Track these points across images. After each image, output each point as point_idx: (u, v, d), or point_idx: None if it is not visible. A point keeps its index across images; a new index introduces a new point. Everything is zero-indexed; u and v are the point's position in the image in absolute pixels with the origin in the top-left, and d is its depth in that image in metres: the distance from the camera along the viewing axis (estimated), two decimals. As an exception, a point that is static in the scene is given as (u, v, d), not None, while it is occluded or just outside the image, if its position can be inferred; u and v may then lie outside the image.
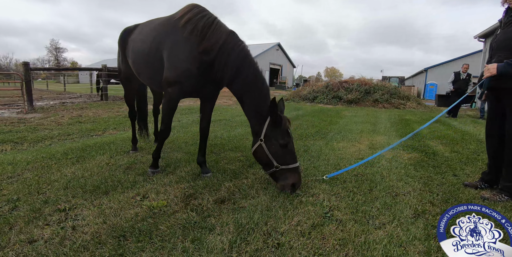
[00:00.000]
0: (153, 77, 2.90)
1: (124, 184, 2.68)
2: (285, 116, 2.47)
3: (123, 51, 3.47)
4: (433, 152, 4.26)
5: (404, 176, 3.08)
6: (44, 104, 11.06)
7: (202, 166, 3.01)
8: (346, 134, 5.63)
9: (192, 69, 2.47)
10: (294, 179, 2.41)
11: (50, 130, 6.02)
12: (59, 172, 3.08)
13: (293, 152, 2.47)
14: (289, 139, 2.44)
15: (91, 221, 1.96)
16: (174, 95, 2.64)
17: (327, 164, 3.38)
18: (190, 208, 2.15)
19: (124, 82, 3.79)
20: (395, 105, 13.68)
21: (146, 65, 2.93)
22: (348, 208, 2.22)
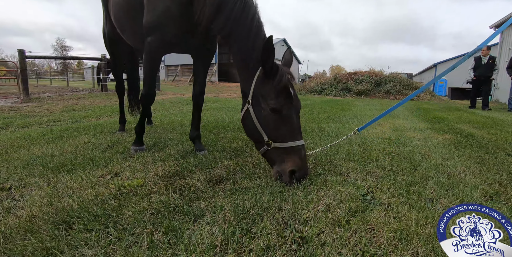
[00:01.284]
0: (136, 30, 2.38)
1: (97, 162, 2.12)
2: (284, 67, 1.74)
3: (106, 7, 3.00)
4: (469, 134, 3.64)
5: (448, 154, 2.48)
6: (42, 95, 10.61)
7: (195, 142, 2.45)
8: (363, 118, 5.00)
9: (172, 8, 1.96)
10: (293, 163, 1.61)
11: (40, 117, 5.52)
12: (28, 151, 2.56)
13: (293, 123, 1.68)
14: (286, 101, 1.64)
15: (34, 202, 1.40)
16: (154, 44, 2.11)
17: (350, 143, 2.77)
18: (172, 188, 1.57)
19: (109, 47, 3.28)
20: (409, 96, 12.91)
21: (127, 16, 2.43)
22: (393, 189, 1.61)
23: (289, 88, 1.66)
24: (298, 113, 1.74)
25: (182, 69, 28.20)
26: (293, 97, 1.68)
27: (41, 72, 44.06)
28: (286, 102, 1.64)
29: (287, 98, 1.64)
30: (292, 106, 1.67)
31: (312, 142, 2.79)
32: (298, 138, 1.66)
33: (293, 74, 1.76)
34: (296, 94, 1.72)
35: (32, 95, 9.62)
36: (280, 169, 1.66)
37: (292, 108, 1.67)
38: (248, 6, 1.77)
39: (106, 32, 3.16)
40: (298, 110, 1.74)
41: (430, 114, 6.30)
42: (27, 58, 9.60)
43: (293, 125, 1.67)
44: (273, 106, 1.63)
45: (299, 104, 1.75)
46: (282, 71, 1.66)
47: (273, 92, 1.63)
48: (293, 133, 1.66)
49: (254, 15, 1.78)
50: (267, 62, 1.60)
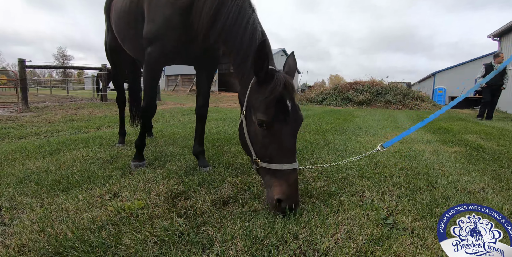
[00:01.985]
0: (137, 41, 2.31)
1: (95, 179, 1.99)
2: (283, 74, 1.47)
3: (109, 18, 2.97)
4: (478, 146, 3.55)
5: (463, 169, 2.38)
6: (41, 105, 10.51)
7: (199, 158, 2.33)
8: (368, 129, 4.91)
9: (172, 19, 1.90)
10: (279, 190, 1.36)
11: (38, 127, 5.42)
12: (23, 165, 2.45)
13: (284, 141, 1.40)
14: (278, 115, 1.37)
15: (25, 228, 1.27)
16: (155, 55, 2.03)
17: (362, 157, 2.65)
18: (176, 211, 1.44)
19: (112, 59, 3.24)
20: (409, 106, 12.89)
21: (128, 27, 2.37)
22: (414, 210, 1.49)
23: (285, 100, 1.40)
24: (295, 130, 1.45)
25: (182, 79, 28.30)
26: (290, 111, 1.40)
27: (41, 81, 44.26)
28: (278, 116, 1.37)
29: (280, 112, 1.38)
30: (286, 121, 1.39)
31: (320, 157, 2.68)
32: (288, 161, 1.39)
33: (293, 84, 1.49)
34: (295, 108, 1.44)
35: (31, 104, 9.54)
36: (268, 194, 1.43)
37: (286, 125, 1.39)
38: (243, 12, 1.66)
39: (108, 42, 3.12)
40: (295, 126, 1.45)
41: (435, 124, 6.20)
42: (27, 67, 9.56)
43: (284, 144, 1.39)
44: (260, 119, 1.39)
45: (298, 119, 1.46)
46: (279, 78, 1.40)
47: (264, 103, 1.39)
48: (282, 153, 1.40)
49: (248, 21, 1.64)
50: (259, 70, 1.40)
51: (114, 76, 3.33)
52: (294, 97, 1.46)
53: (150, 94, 2.20)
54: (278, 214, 1.38)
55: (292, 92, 1.45)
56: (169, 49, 2.02)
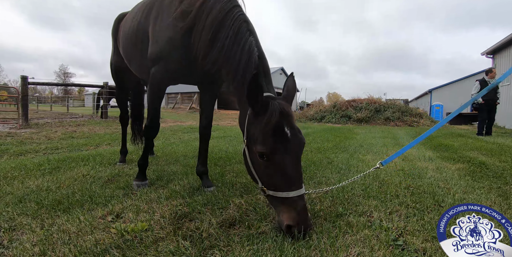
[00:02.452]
0: (143, 62, 2.35)
1: (96, 199, 1.96)
2: (277, 101, 1.45)
3: (115, 40, 3.07)
4: (481, 162, 3.56)
5: (468, 187, 2.36)
6: (41, 121, 10.51)
7: (202, 178, 2.30)
8: (370, 147, 4.90)
9: (175, 39, 1.91)
10: (289, 217, 1.34)
11: (37, 144, 5.40)
12: (21, 183, 2.42)
13: (287, 170, 1.38)
14: (276, 145, 1.36)
15: (25, 251, 1.23)
16: (158, 75, 2.06)
17: (364, 176, 2.63)
18: (182, 234, 1.41)
19: (117, 79, 3.31)
20: (408, 122, 12.98)
21: (134, 47, 2.43)
22: (423, 231, 1.46)
23: (282, 128, 1.38)
24: (298, 156, 1.43)
25: (182, 97, 28.59)
26: (290, 137, 1.38)
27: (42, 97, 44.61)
28: (277, 147, 1.36)
29: (279, 141, 1.37)
30: (286, 150, 1.37)
31: (323, 176, 2.66)
32: (294, 188, 1.37)
33: (290, 111, 1.47)
34: (295, 133, 1.41)
35: (31, 120, 9.55)
36: (279, 219, 1.41)
37: (287, 153, 1.38)
38: (239, 37, 1.67)
39: (114, 63, 3.19)
40: (298, 153, 1.43)
41: (435, 141, 6.22)
42: (29, 84, 9.66)
43: (287, 173, 1.37)
44: (260, 151, 1.38)
45: (300, 144, 1.44)
46: (273, 107, 1.39)
47: (261, 135, 1.38)
48: (287, 182, 1.38)
49: (244, 46, 1.64)
50: (252, 101, 1.39)
51: (119, 95, 3.37)
52: (293, 121, 1.44)
53: (154, 114, 2.21)
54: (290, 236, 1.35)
55: (289, 118, 1.43)
56: (172, 69, 2.03)
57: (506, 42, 12.35)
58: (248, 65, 1.59)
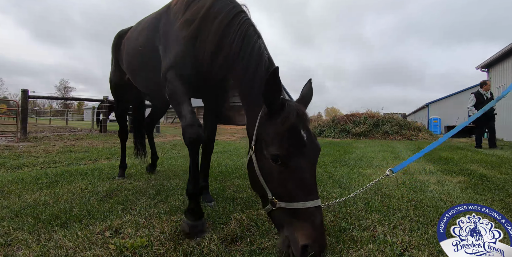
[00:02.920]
0: (151, 78, 2.33)
1: (95, 214, 1.92)
2: (294, 102, 1.40)
3: (117, 57, 3.06)
4: (482, 175, 3.57)
5: (470, 200, 2.36)
6: (39, 134, 10.48)
7: (203, 193, 2.27)
8: (370, 161, 4.89)
9: (182, 51, 1.83)
10: (305, 235, 1.15)
11: (35, 158, 5.36)
12: (19, 197, 2.39)
13: (305, 176, 1.25)
14: (293, 148, 1.25)
15: (20, 271, 1.19)
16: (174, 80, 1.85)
17: (365, 190, 2.60)
18: (183, 250, 1.37)
19: (116, 94, 3.30)
20: (407, 136, 13.01)
21: (142, 63, 2.40)
22: (428, 245, 1.43)
23: (299, 130, 1.28)
24: (314, 162, 1.31)
25: (181, 110, 28.64)
26: (306, 141, 1.27)
27: (41, 111, 44.69)
28: (293, 149, 1.24)
29: (296, 143, 1.25)
30: (303, 153, 1.26)
31: (325, 190, 2.63)
32: (312, 197, 1.21)
33: (306, 113, 1.38)
34: (311, 138, 1.31)
35: (29, 134, 9.52)
36: (289, 238, 1.21)
37: (304, 157, 1.26)
38: (247, 40, 1.60)
39: (114, 78, 3.19)
40: (314, 158, 1.31)
41: (435, 154, 6.22)
42: (30, 97, 9.70)
43: (305, 180, 1.24)
44: (274, 154, 1.25)
45: (316, 150, 1.33)
46: (290, 108, 1.30)
47: (276, 136, 1.27)
48: (304, 190, 1.22)
49: (253, 49, 1.57)
50: (270, 99, 1.28)
51: (118, 110, 3.36)
52: (309, 125, 1.35)
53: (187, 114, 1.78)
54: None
55: (306, 121, 1.33)
56: (187, 73, 1.86)
57: (500, 56, 12.67)
58: (258, 68, 1.51)
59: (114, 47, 3.08)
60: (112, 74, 3.26)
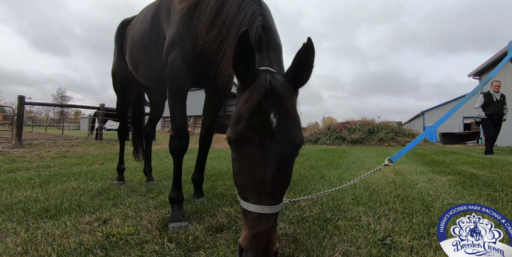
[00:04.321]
0: (151, 66, 2.23)
1: (85, 208, 1.94)
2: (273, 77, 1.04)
3: (120, 47, 2.93)
4: (472, 174, 3.64)
5: (457, 194, 2.40)
6: (34, 141, 10.43)
7: (196, 188, 2.28)
8: (363, 164, 4.93)
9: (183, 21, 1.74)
10: (244, 237, 0.95)
11: (29, 162, 5.36)
12: (10, 194, 2.41)
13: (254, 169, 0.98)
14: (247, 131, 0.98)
15: (7, 250, 1.21)
16: (177, 62, 1.73)
17: (354, 187, 2.64)
18: (168, 237, 1.39)
19: (119, 86, 3.09)
20: (402, 143, 13.09)
21: (144, 49, 2.30)
22: (411, 231, 1.47)
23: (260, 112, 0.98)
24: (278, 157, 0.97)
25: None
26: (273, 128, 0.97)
27: (37, 120, 44.43)
28: (248, 135, 0.98)
29: (251, 128, 0.98)
30: (261, 142, 0.97)
31: (315, 188, 2.66)
32: (257, 201, 0.96)
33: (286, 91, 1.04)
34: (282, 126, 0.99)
35: (24, 141, 9.47)
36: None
37: (262, 146, 0.97)
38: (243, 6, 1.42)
39: (117, 70, 3.04)
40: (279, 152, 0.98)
41: (427, 158, 6.29)
42: (26, 104, 9.72)
43: (254, 176, 0.97)
44: (228, 135, 1.04)
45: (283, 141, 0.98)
46: (261, 81, 1.02)
47: (235, 116, 1.04)
48: (251, 189, 0.98)
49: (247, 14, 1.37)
50: (238, 69, 1.03)
51: (120, 104, 3.19)
52: (286, 106, 1.02)
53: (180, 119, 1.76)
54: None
55: (280, 100, 1.01)
56: (189, 53, 1.75)
57: (490, 63, 12.98)
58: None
59: (118, 37, 2.96)
60: (115, 67, 3.11)
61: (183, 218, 1.61)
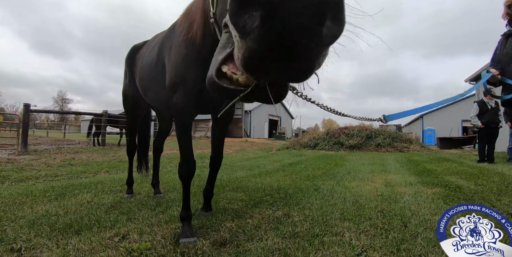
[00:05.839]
0: (159, 93, 2.36)
1: (103, 223, 2.20)
2: None
3: (131, 71, 3.10)
4: (457, 186, 3.89)
5: (436, 209, 2.65)
6: (39, 147, 10.69)
7: (205, 202, 2.51)
8: (356, 174, 5.19)
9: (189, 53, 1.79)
10: None
11: (37, 171, 5.63)
12: (31, 209, 2.66)
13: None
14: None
15: (47, 269, 1.47)
16: (181, 104, 1.89)
17: (344, 202, 2.91)
18: (180, 251, 1.66)
19: (130, 108, 3.28)
20: (399, 148, 13.37)
21: (151, 79, 2.44)
22: (385, 247, 1.73)
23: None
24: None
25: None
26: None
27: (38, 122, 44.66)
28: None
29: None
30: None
31: (308, 202, 2.93)
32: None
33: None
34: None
35: (29, 146, 9.73)
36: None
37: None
38: None
39: (129, 92, 3.20)
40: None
41: (420, 166, 6.54)
42: (31, 112, 10.01)
43: None
44: None
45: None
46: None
47: None
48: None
49: None
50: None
51: (130, 124, 3.38)
52: None
53: (186, 151, 1.98)
54: None
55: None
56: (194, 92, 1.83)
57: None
58: None
59: (128, 60, 3.11)
60: (125, 88, 3.28)
61: (191, 234, 1.86)
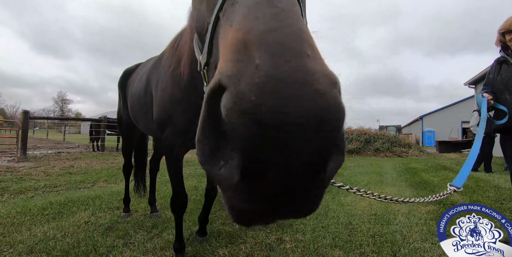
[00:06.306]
0: (149, 124, 2.32)
1: (99, 249, 2.24)
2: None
3: (124, 95, 3.09)
4: (452, 203, 3.90)
5: (427, 234, 2.69)
6: (38, 153, 10.74)
7: (200, 227, 2.53)
8: (353, 186, 5.23)
9: (176, 93, 1.74)
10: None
11: (36, 181, 5.69)
12: (29, 231, 2.71)
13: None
14: None
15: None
16: (170, 141, 1.86)
17: (337, 223, 2.95)
18: (173, 286, 1.71)
19: (125, 131, 3.27)
20: (397, 153, 13.41)
21: (141, 108, 2.36)
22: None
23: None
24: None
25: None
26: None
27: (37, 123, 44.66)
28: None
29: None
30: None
31: (301, 223, 2.97)
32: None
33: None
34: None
35: (28, 150, 9.79)
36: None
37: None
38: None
39: (123, 116, 3.18)
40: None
41: (417, 176, 6.58)
42: (30, 118, 10.06)
43: None
44: None
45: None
46: None
47: None
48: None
49: None
50: None
51: (125, 146, 3.40)
52: None
53: (177, 185, 1.99)
54: None
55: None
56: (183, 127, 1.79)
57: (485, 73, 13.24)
58: None
59: (121, 85, 3.11)
60: (120, 111, 3.29)
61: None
